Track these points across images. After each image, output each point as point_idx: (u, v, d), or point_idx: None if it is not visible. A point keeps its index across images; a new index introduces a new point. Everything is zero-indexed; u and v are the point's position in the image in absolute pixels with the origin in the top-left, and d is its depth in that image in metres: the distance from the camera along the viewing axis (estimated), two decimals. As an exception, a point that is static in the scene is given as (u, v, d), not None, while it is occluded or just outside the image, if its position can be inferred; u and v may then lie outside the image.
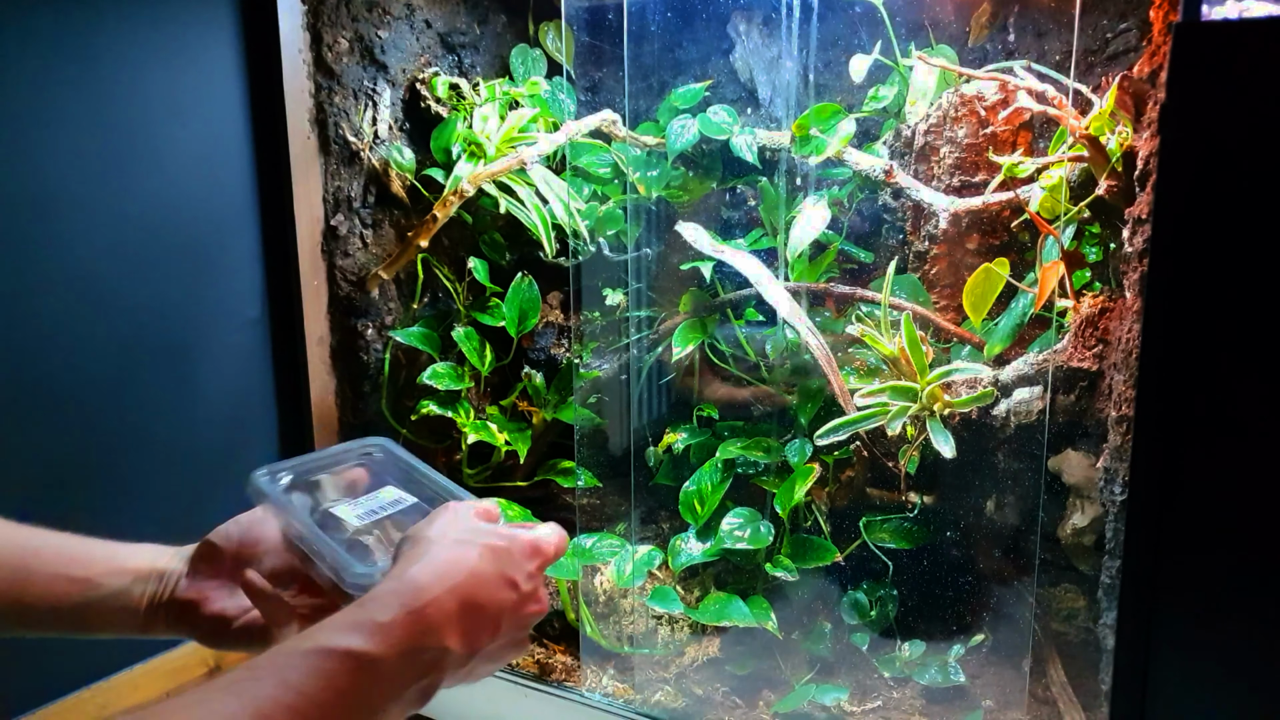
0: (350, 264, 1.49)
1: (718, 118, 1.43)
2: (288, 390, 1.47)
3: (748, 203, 1.52)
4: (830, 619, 1.38)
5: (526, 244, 1.55)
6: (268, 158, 1.40)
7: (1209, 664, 0.75)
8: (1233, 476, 0.72)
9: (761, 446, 1.39)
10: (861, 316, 1.23)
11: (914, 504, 1.33)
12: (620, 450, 1.53)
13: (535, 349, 1.57)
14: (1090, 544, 1.19)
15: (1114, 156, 1.05)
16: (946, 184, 1.28)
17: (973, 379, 1.17)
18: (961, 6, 1.35)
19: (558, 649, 1.48)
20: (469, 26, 1.61)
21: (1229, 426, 0.71)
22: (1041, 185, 1.16)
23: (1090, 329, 1.09)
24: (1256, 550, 0.72)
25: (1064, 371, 1.11)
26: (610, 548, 1.40)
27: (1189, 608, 0.75)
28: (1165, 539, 0.74)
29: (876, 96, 1.36)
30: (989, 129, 1.26)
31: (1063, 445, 1.17)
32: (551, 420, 1.54)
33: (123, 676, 1.30)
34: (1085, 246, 1.18)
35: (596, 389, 1.52)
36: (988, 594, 1.31)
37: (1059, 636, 1.28)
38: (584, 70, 1.55)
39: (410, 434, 1.53)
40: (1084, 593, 1.26)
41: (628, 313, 1.51)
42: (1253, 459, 0.71)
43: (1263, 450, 0.70)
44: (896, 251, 1.37)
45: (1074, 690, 1.21)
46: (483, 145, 1.47)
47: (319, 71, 1.42)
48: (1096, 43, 1.29)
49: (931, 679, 1.28)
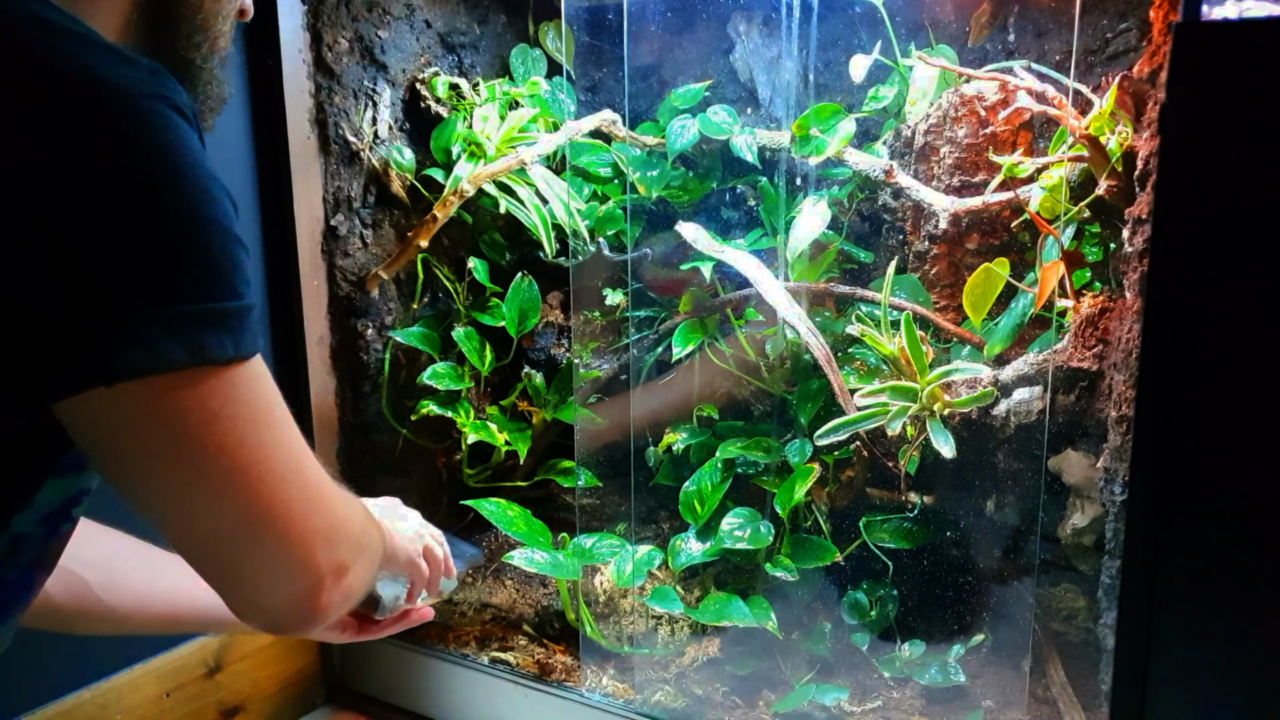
0: (350, 264, 1.49)
1: (718, 118, 1.43)
2: (288, 390, 1.45)
3: (748, 203, 1.52)
4: (830, 619, 1.38)
5: (526, 244, 1.55)
6: (268, 158, 1.40)
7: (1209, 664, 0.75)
8: (1232, 476, 0.72)
9: (761, 446, 1.39)
10: (861, 316, 1.23)
11: (914, 504, 1.33)
12: (620, 450, 1.53)
13: (535, 349, 1.57)
14: (1090, 544, 1.19)
15: (1114, 156, 1.05)
16: (946, 184, 1.28)
17: (973, 379, 1.17)
18: (961, 6, 1.35)
19: (558, 649, 1.48)
20: (469, 26, 1.61)
21: (1229, 426, 0.71)
22: (1041, 185, 1.16)
23: (1090, 329, 1.09)
24: (1256, 550, 0.72)
25: (1064, 371, 1.11)
26: (610, 548, 1.40)
27: (1189, 608, 0.75)
28: (1165, 539, 0.75)
29: (876, 97, 1.36)
30: (989, 129, 1.26)
31: (1063, 445, 1.17)
32: (551, 420, 1.54)
33: (123, 676, 1.30)
34: (1085, 246, 1.18)
35: (596, 389, 1.52)
36: (988, 594, 1.31)
37: (1059, 636, 1.28)
38: (584, 70, 1.55)
39: (410, 434, 1.53)
40: (1084, 593, 1.26)
41: (628, 313, 1.51)
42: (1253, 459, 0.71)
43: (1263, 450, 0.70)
44: (896, 251, 1.37)
45: (1074, 690, 1.21)
46: (483, 145, 1.47)
47: (319, 72, 1.42)
48: (1096, 43, 1.29)
49: (931, 679, 1.28)
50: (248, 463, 0.61)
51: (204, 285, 0.56)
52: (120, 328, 0.53)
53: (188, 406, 0.57)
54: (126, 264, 0.53)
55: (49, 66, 0.53)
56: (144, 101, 0.54)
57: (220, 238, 0.57)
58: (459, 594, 1.56)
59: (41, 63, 0.53)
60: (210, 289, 0.57)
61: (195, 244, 0.56)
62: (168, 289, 0.55)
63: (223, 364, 0.58)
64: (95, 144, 0.53)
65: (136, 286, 0.54)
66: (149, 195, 0.54)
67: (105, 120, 0.53)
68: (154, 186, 0.54)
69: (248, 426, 0.61)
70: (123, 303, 0.53)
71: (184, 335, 0.55)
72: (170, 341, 0.55)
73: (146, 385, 0.55)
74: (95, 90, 0.53)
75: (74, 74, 0.53)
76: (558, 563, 1.35)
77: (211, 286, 0.57)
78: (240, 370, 0.60)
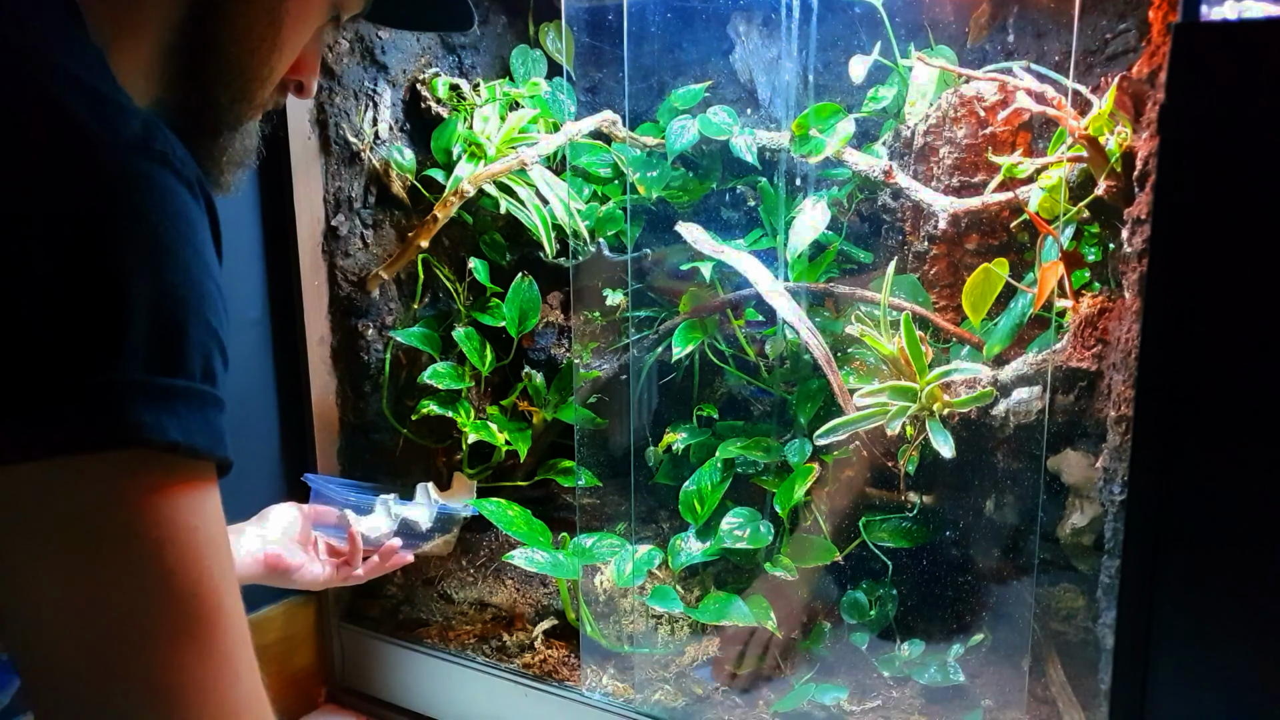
0: (351, 264, 1.49)
1: (717, 118, 1.43)
2: (288, 390, 1.47)
3: (747, 203, 1.52)
4: (830, 618, 1.39)
5: (527, 244, 1.55)
6: (268, 158, 1.39)
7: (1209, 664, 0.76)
8: (1232, 476, 0.72)
9: (761, 446, 1.39)
10: (861, 316, 1.23)
11: (913, 504, 1.33)
12: (620, 450, 1.53)
13: (535, 349, 1.57)
14: (1090, 544, 1.19)
15: (1113, 157, 1.05)
16: (946, 184, 1.29)
17: (972, 379, 1.17)
18: (961, 7, 1.35)
19: (558, 647, 1.48)
20: (469, 27, 1.61)
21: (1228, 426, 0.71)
22: (1041, 185, 1.16)
23: (1089, 329, 1.09)
24: (1256, 550, 0.72)
25: (1063, 372, 1.11)
26: (610, 547, 1.40)
27: (1188, 608, 0.75)
28: (1164, 539, 0.75)
29: (876, 97, 1.36)
30: (988, 129, 1.26)
31: (1062, 445, 1.17)
32: (552, 420, 1.55)
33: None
34: (1084, 247, 1.18)
35: (596, 389, 1.52)
36: (987, 594, 1.31)
37: (1058, 636, 1.28)
38: (584, 71, 1.55)
39: (411, 433, 1.53)
40: (1083, 592, 1.26)
41: (628, 313, 1.51)
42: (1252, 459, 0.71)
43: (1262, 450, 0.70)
44: (896, 252, 1.37)
45: (1073, 690, 1.21)
46: (483, 146, 1.47)
47: (319, 72, 1.42)
48: (1096, 43, 1.29)
49: (931, 678, 1.28)
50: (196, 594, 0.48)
51: (147, 356, 0.46)
52: (22, 400, 0.44)
53: (104, 492, 0.45)
54: (58, 323, 0.44)
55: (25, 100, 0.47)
56: (120, 153, 0.47)
57: (172, 306, 0.47)
58: (458, 591, 1.56)
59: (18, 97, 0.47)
60: (154, 362, 0.46)
61: (145, 308, 0.46)
62: (95, 354, 0.45)
63: (161, 449, 0.46)
64: (43, 190, 0.45)
65: (61, 349, 0.44)
66: (90, 247, 0.45)
67: (68, 168, 0.46)
68: (102, 239, 0.46)
69: (189, 544, 0.48)
70: (37, 367, 0.44)
71: (108, 408, 0.45)
72: (91, 414, 0.44)
73: (59, 466, 0.45)
74: (62, 135, 0.46)
75: (43, 117, 0.47)
76: (558, 562, 1.35)
77: (155, 359, 0.46)
78: (189, 468, 0.49)
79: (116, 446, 0.45)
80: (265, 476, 1.47)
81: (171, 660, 0.47)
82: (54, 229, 0.45)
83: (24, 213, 0.45)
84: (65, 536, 0.45)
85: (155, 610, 0.47)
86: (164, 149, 0.49)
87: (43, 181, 0.45)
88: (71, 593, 0.46)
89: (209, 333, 0.50)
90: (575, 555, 1.38)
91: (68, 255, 0.45)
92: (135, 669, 0.46)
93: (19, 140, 0.46)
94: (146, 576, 0.46)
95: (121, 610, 0.46)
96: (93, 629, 0.46)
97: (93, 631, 0.46)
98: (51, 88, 0.47)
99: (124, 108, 0.50)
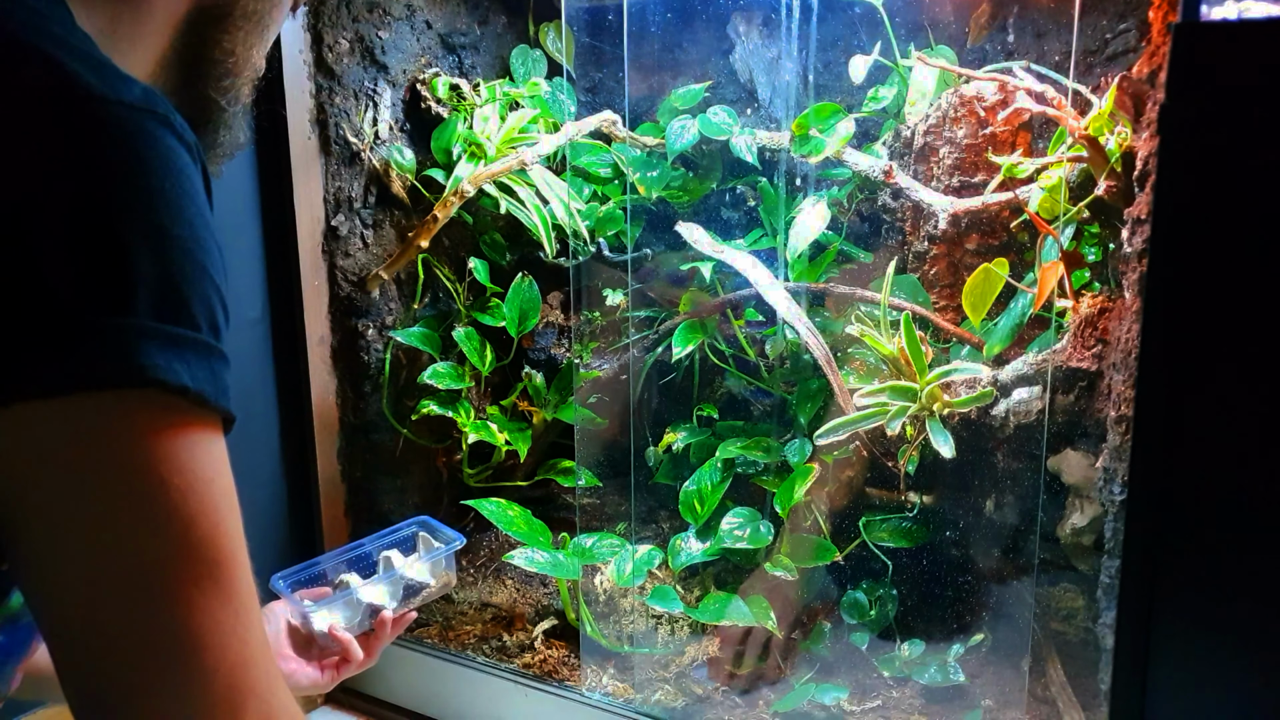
0: (351, 264, 1.49)
1: (717, 118, 1.43)
2: (288, 390, 1.47)
3: (748, 203, 1.52)
4: (830, 618, 1.39)
5: (527, 244, 1.55)
6: (268, 158, 1.40)
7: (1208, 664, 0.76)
8: (1232, 476, 0.72)
9: (761, 446, 1.39)
10: (861, 316, 1.23)
11: (913, 504, 1.33)
12: (620, 450, 1.53)
13: (535, 349, 1.57)
14: (1089, 544, 1.19)
15: (1113, 157, 1.05)
16: (946, 184, 1.29)
17: (972, 379, 1.18)
18: (961, 7, 1.35)
19: (558, 647, 1.48)
20: (469, 27, 1.62)
21: (1228, 426, 0.71)
22: (1041, 185, 1.16)
23: (1089, 329, 1.09)
24: (1255, 550, 0.72)
25: (1063, 372, 1.11)
26: (610, 547, 1.40)
27: (1188, 608, 0.75)
28: (1164, 539, 0.75)
29: (876, 97, 1.37)
30: (988, 129, 1.26)
31: (1062, 445, 1.17)
32: (552, 420, 1.55)
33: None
34: (1084, 247, 1.18)
35: (596, 389, 1.52)
36: (987, 593, 1.31)
37: (1058, 636, 1.28)
38: (584, 71, 1.55)
39: (411, 434, 1.53)
40: (1083, 592, 1.26)
41: (628, 313, 1.51)
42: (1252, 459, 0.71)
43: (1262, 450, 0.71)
44: (896, 252, 1.37)
45: (1073, 690, 1.21)
46: (483, 146, 1.47)
47: (319, 72, 1.42)
48: (1096, 43, 1.29)
49: (931, 678, 1.28)
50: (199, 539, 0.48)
51: (155, 303, 0.47)
52: (36, 340, 0.45)
53: (119, 433, 0.46)
54: (69, 268, 0.46)
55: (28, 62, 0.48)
56: (124, 109, 0.48)
57: (180, 258, 0.49)
58: (458, 591, 1.56)
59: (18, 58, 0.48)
60: (162, 310, 0.47)
61: (152, 256, 0.47)
62: (105, 298, 0.46)
63: (173, 391, 0.47)
64: (52, 142, 0.47)
65: (73, 293, 0.45)
66: (100, 195, 0.47)
67: (76, 121, 0.47)
68: (111, 187, 0.47)
69: (206, 493, 0.49)
70: (50, 310, 0.45)
71: (122, 349, 0.46)
72: (105, 353, 0.46)
73: (74, 404, 0.45)
74: (68, 92, 0.48)
75: (48, 76, 0.48)
76: (558, 562, 1.35)
77: (164, 307, 0.47)
78: (200, 416, 0.50)
79: (130, 384, 0.46)
80: (265, 476, 1.47)
81: (197, 602, 0.48)
82: (66, 178, 0.46)
83: (37, 163, 0.46)
84: (85, 480, 0.46)
85: (180, 555, 0.48)
86: (165, 113, 0.51)
87: (54, 135, 0.47)
88: (94, 537, 0.46)
89: (213, 287, 0.51)
90: (575, 555, 1.38)
91: (79, 204, 0.46)
92: (160, 612, 0.47)
93: (27, 98, 0.47)
94: (168, 521, 0.47)
95: (146, 555, 0.47)
96: (117, 572, 0.47)
97: (117, 575, 0.47)
98: (55, 53, 0.49)
99: (124, 75, 0.51)
